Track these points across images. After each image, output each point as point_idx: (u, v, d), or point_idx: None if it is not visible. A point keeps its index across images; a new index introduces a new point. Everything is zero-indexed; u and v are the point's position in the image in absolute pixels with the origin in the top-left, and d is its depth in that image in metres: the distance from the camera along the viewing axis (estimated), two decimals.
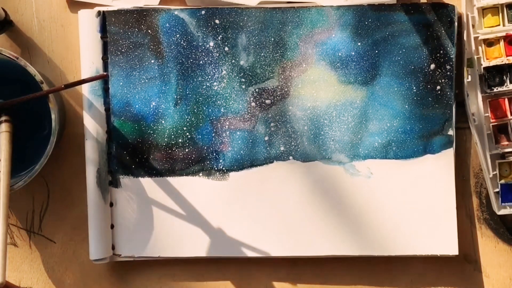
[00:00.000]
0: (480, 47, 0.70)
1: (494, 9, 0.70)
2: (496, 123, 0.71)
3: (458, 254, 0.72)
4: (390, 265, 0.74)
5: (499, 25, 0.70)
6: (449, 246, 0.72)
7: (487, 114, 0.71)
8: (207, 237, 0.73)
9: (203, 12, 0.72)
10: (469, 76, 0.71)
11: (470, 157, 0.74)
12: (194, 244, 0.73)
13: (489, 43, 0.70)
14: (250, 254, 0.73)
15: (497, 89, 0.71)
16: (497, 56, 0.70)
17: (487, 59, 0.70)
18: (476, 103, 0.72)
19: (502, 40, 0.70)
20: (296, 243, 0.73)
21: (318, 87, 0.72)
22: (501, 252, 0.74)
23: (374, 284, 0.75)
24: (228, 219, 0.73)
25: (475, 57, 0.71)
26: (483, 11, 0.71)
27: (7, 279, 0.71)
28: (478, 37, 0.70)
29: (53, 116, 0.68)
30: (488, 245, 0.74)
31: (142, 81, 0.73)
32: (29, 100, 0.67)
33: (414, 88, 0.72)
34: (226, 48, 0.73)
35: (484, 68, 0.70)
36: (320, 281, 0.75)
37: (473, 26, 0.71)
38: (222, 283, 0.75)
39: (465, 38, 0.71)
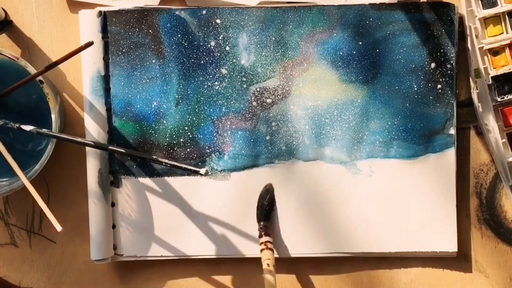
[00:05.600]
0: (486, 57, 0.70)
1: (496, 18, 0.71)
2: (510, 131, 0.71)
3: (457, 252, 0.72)
4: (390, 265, 0.74)
5: (502, 33, 0.70)
6: (448, 244, 0.72)
7: (500, 123, 0.71)
8: (209, 237, 0.73)
9: (204, 12, 0.72)
10: (478, 87, 0.71)
11: (470, 157, 0.74)
12: (195, 244, 0.73)
13: (495, 52, 0.70)
14: (251, 254, 0.73)
15: (507, 97, 0.71)
16: (504, 64, 0.70)
17: (494, 68, 0.70)
18: (488, 113, 0.72)
19: (507, 48, 0.70)
20: (297, 242, 0.73)
21: (319, 86, 0.73)
22: (501, 252, 0.74)
23: (374, 283, 0.75)
24: (229, 219, 0.73)
25: (482, 67, 0.70)
26: (485, 21, 0.71)
27: (7, 279, 0.71)
28: (483, 47, 0.70)
29: (53, 116, 0.68)
30: (488, 245, 0.74)
31: (144, 81, 0.73)
32: (18, 87, 0.67)
33: (415, 86, 0.72)
34: (227, 48, 0.73)
35: (492, 77, 0.70)
36: (320, 280, 0.75)
37: (476, 36, 0.71)
38: (223, 283, 0.75)
39: (469, 48, 0.71)
